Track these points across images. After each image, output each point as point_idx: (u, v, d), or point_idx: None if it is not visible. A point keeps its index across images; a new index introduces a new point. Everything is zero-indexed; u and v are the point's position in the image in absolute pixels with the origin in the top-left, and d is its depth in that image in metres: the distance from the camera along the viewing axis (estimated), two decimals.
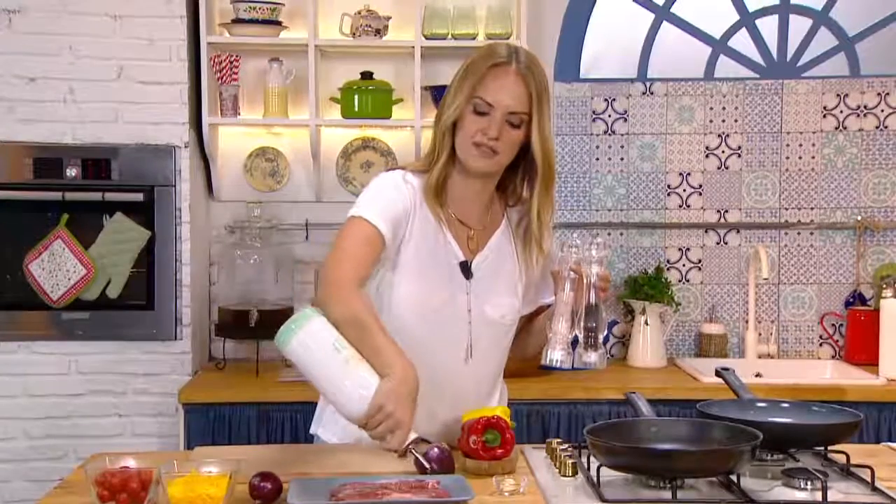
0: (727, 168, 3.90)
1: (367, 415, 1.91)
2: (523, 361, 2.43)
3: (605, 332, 2.21)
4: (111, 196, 3.43)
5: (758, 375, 3.63)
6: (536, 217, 2.23)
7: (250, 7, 3.57)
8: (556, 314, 2.17)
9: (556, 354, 2.15)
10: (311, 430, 2.38)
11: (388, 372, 1.93)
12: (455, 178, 2.23)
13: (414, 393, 1.94)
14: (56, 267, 3.40)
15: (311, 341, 1.95)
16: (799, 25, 3.91)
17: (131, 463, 1.82)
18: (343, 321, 1.98)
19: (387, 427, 1.91)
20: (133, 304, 3.46)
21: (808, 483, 1.90)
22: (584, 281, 2.15)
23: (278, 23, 3.63)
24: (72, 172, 3.42)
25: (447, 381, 2.23)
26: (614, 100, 3.89)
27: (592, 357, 2.16)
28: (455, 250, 2.23)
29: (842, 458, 2.05)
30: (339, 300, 2.00)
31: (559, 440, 2.15)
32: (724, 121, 3.89)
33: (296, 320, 1.97)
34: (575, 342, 2.16)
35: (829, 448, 2.09)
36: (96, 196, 3.42)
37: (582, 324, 2.15)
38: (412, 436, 1.93)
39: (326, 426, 2.34)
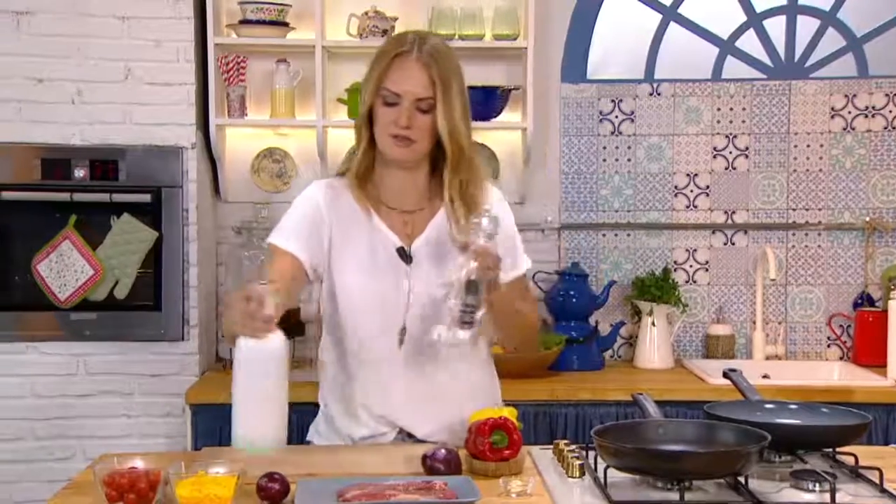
0: (735, 169, 3.89)
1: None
2: (519, 353, 2.40)
3: (483, 310, 2.08)
4: (119, 197, 3.43)
5: (765, 377, 3.62)
6: (449, 199, 2.23)
7: (257, 8, 3.58)
8: (451, 290, 2.09)
9: (438, 329, 2.09)
10: (308, 437, 2.38)
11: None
12: (381, 169, 2.25)
13: None
14: (64, 267, 3.41)
15: (256, 354, 1.98)
16: (806, 26, 3.90)
17: (139, 463, 1.82)
18: None
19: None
20: (140, 305, 3.46)
21: (817, 485, 1.89)
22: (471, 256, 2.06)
23: (285, 24, 3.63)
24: (80, 173, 3.43)
25: (386, 368, 2.22)
26: (621, 101, 3.88)
27: (461, 334, 2.07)
28: (390, 237, 2.23)
29: (850, 460, 2.04)
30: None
31: (566, 441, 2.15)
32: (731, 122, 3.88)
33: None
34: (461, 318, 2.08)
35: (838, 450, 2.09)
36: (104, 197, 3.43)
37: (460, 299, 2.06)
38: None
39: (322, 436, 2.34)
